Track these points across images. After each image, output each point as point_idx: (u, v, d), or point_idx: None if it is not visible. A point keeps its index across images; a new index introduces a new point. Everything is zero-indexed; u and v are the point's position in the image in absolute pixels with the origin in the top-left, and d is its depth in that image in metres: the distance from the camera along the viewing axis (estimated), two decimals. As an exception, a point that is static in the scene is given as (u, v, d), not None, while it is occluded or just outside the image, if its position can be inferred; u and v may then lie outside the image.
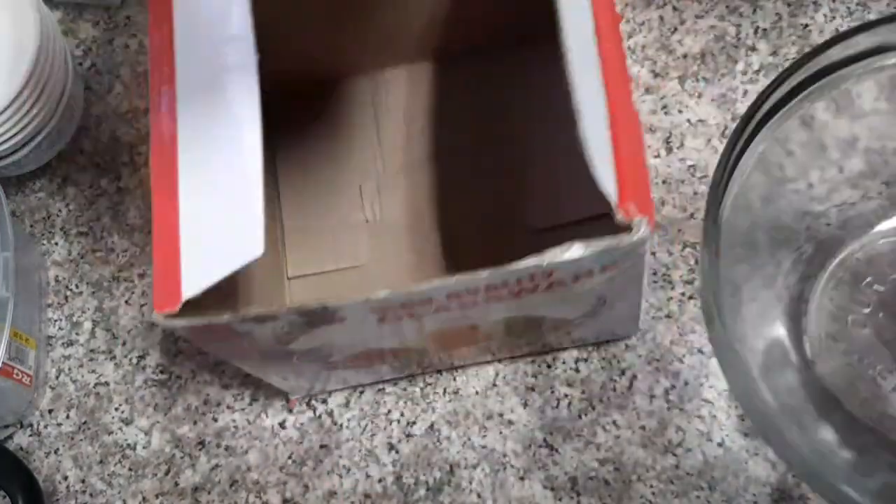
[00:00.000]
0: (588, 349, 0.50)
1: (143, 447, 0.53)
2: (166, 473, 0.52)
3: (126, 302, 0.55)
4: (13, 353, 0.50)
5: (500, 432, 0.49)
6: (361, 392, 0.51)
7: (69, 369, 0.55)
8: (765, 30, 0.54)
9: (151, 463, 0.52)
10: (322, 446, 0.51)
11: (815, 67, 0.40)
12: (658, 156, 0.52)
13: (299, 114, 0.54)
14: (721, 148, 0.53)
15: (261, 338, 0.37)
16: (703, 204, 0.47)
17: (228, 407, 0.52)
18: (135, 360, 0.54)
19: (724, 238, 0.39)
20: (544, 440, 0.49)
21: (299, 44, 0.47)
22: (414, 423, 0.50)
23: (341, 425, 0.51)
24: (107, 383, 0.54)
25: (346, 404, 0.51)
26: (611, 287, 0.38)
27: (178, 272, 0.35)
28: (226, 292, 0.37)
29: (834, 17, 0.54)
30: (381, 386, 0.51)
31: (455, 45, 0.52)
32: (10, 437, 0.54)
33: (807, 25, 0.54)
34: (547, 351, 0.50)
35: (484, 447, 0.49)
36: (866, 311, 0.46)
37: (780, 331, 0.47)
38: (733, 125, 0.53)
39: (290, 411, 0.51)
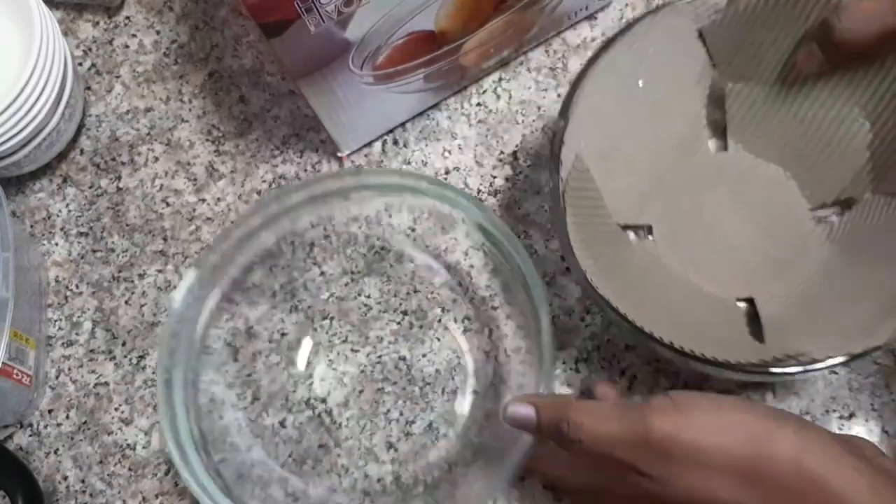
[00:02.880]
0: (588, 349, 0.50)
1: (143, 447, 0.53)
2: (166, 473, 0.52)
3: (126, 302, 0.55)
4: (13, 353, 0.50)
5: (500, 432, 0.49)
6: (361, 392, 0.51)
7: (69, 369, 0.55)
8: (764, 30, 0.54)
9: (151, 463, 0.52)
10: (321, 446, 0.51)
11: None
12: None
13: None
14: (721, 148, 0.52)
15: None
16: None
17: (232, 405, 0.52)
18: (135, 360, 0.54)
19: None
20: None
21: None
22: (413, 421, 0.50)
23: (340, 424, 0.51)
24: (107, 383, 0.54)
25: (346, 403, 0.51)
26: None
27: None
28: None
29: (833, 18, 0.54)
30: (380, 385, 0.51)
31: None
32: (10, 437, 0.54)
33: (806, 26, 0.54)
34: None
35: (484, 446, 0.49)
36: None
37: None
38: (733, 125, 0.53)
39: (341, 164, 0.55)
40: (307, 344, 0.52)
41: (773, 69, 0.48)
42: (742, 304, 0.49)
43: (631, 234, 0.50)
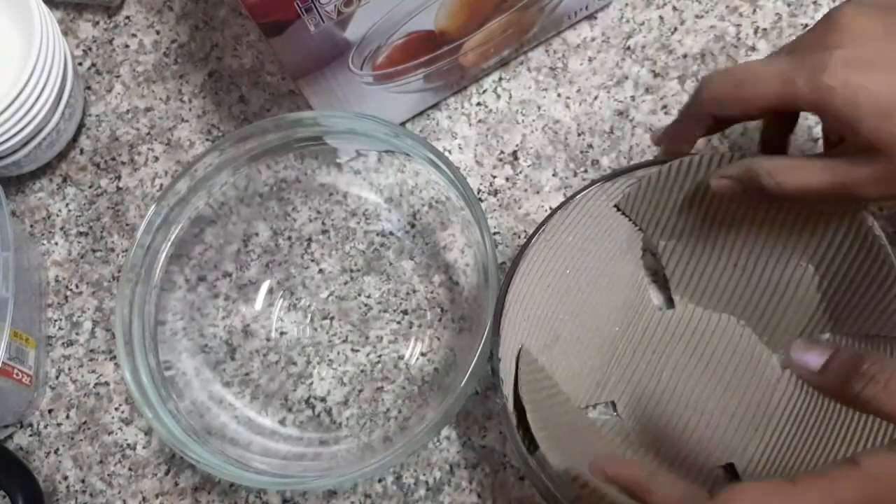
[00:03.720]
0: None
1: (143, 447, 0.53)
2: (166, 473, 0.52)
3: (126, 302, 0.55)
4: (13, 353, 0.50)
5: (500, 432, 0.49)
6: (360, 391, 0.51)
7: (69, 369, 0.55)
8: (765, 30, 0.54)
9: (151, 463, 0.52)
10: (321, 443, 0.51)
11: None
12: (658, 155, 0.52)
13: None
14: (720, 147, 0.53)
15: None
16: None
17: (229, 405, 0.52)
18: (135, 360, 0.54)
19: None
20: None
21: None
22: (409, 417, 0.50)
23: (340, 423, 0.51)
24: (107, 383, 0.54)
25: (346, 402, 0.51)
26: None
27: None
28: None
29: (834, 17, 0.54)
30: (379, 384, 0.51)
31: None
32: (10, 437, 0.54)
33: (807, 25, 0.54)
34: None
35: (484, 447, 0.49)
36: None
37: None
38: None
39: (340, 170, 0.54)
40: (306, 342, 0.53)
41: (701, 223, 0.47)
42: (721, 471, 0.46)
43: (596, 415, 0.48)
